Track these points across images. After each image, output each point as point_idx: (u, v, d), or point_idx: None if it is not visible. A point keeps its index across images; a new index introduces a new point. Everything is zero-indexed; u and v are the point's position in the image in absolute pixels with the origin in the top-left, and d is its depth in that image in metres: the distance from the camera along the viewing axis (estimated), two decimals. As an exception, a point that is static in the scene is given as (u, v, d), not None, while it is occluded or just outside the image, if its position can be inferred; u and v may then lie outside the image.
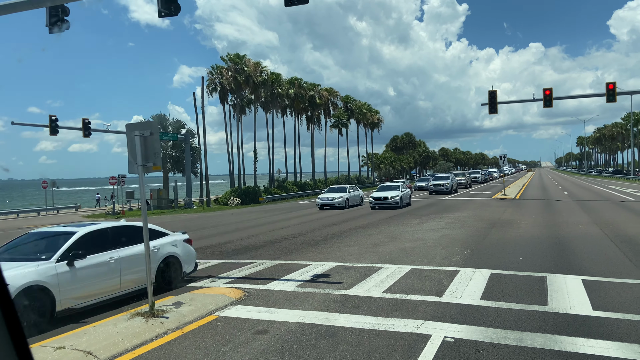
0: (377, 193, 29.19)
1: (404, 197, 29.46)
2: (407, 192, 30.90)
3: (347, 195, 31.21)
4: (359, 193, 33.43)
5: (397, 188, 29.86)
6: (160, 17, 12.09)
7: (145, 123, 7.50)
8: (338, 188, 32.85)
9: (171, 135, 39.73)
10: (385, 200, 28.19)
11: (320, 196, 31.81)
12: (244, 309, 7.99)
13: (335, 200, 30.31)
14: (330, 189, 33.47)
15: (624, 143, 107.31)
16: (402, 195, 28.78)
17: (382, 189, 30.25)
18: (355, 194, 32.57)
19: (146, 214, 7.69)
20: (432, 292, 8.62)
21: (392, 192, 28.79)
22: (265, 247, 15.21)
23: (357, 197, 32.73)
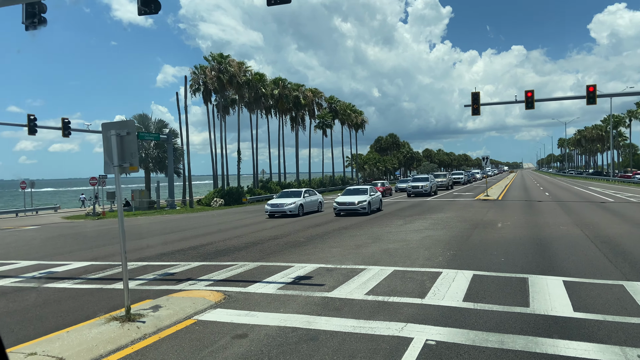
0: (343, 197, 26.46)
1: (373, 201, 26.83)
2: (376, 196, 27.98)
3: (302, 200, 27.49)
4: (317, 198, 29.77)
5: (365, 192, 27.07)
6: (140, 15, 11.87)
7: (122, 122, 7.31)
8: (292, 192, 29.10)
9: (153, 135, 39.23)
10: (351, 205, 25.33)
11: (270, 202, 27.90)
12: (223, 312, 7.83)
13: (287, 207, 26.41)
14: (283, 193, 29.72)
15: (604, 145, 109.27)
16: (370, 200, 26.11)
17: (348, 193, 27.39)
18: (311, 199, 28.87)
19: (122, 215, 7.48)
20: (415, 294, 8.57)
21: (360, 197, 26.05)
22: (248, 249, 15.03)
23: (315, 203, 29.10)
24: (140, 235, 20.90)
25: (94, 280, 11.29)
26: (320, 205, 29.64)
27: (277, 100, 54.38)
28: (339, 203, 25.60)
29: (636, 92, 47.11)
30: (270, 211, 26.92)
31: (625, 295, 8.10)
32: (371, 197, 26.51)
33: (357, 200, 25.52)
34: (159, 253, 15.06)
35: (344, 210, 25.51)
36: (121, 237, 7.32)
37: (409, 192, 41.85)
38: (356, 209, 25.16)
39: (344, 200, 25.82)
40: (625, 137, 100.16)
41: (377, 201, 27.83)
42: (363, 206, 25.35)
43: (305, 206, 27.73)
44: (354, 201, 25.42)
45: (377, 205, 27.59)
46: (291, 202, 26.69)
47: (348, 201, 25.53)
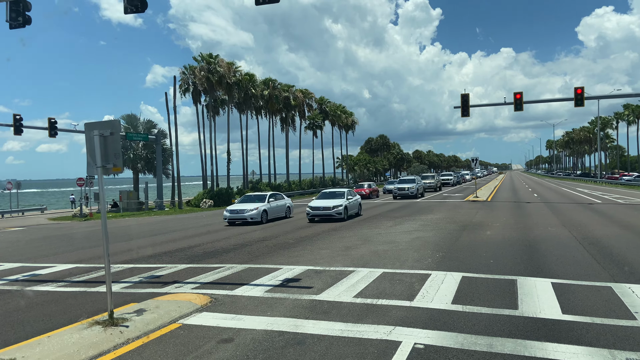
0: (317, 201, 24.12)
1: (351, 206, 24.51)
2: (354, 200, 25.48)
3: (265, 206, 24.34)
4: (285, 202, 26.86)
5: (341, 195, 24.73)
6: (127, 14, 11.71)
7: (106, 122, 7.15)
8: (255, 196, 25.79)
9: (142, 136, 38.86)
10: (326, 210, 23.07)
11: (230, 207, 24.79)
12: (209, 316, 7.70)
13: (248, 213, 23.35)
14: (246, 197, 26.29)
15: (592, 146, 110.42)
16: (347, 205, 23.70)
17: (323, 197, 25.05)
18: (278, 204, 25.90)
19: (105, 217, 7.33)
20: (403, 297, 8.50)
21: (335, 201, 23.71)
22: (236, 251, 14.89)
23: (281, 208, 26.14)
24: (128, 237, 20.65)
25: (78, 283, 11.09)
26: (288, 211, 26.81)
27: (267, 101, 54.18)
28: (312, 208, 23.46)
29: (623, 95, 47.68)
30: (229, 218, 23.78)
31: (613, 297, 8.09)
32: (348, 202, 24.24)
33: (333, 204, 23.25)
34: (146, 255, 14.86)
35: (318, 215, 23.34)
36: (104, 239, 7.17)
37: (395, 194, 40.90)
38: (331, 214, 22.97)
39: (318, 204, 23.59)
40: (613, 139, 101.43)
41: (356, 205, 25.69)
42: (339, 211, 23.06)
43: (270, 212, 24.77)
44: (329, 205, 23.20)
45: (355, 209, 25.50)
46: (253, 207, 23.63)
47: (322, 205, 23.33)
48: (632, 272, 10.03)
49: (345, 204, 23.57)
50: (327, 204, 23.43)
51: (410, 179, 43.63)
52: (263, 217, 23.86)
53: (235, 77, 46.20)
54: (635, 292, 8.38)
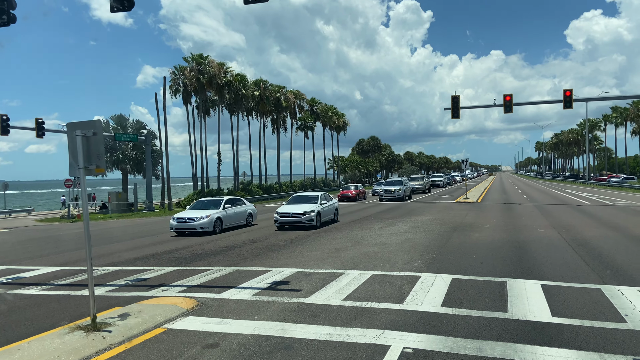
0: (287, 207, 21.58)
1: (325, 211, 22.17)
2: (329, 205, 22.99)
3: (220, 213, 20.97)
4: (245, 209, 23.27)
5: (314, 200, 22.09)
6: (113, 12, 11.53)
7: (88, 122, 6.98)
8: (210, 202, 22.26)
9: (131, 136, 38.48)
10: (296, 217, 20.49)
11: (177, 215, 21.34)
12: (195, 320, 7.55)
13: (198, 222, 20.05)
14: (198, 203, 22.72)
15: (580, 148, 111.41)
16: (320, 210, 21.33)
17: (295, 201, 22.42)
18: (236, 210, 22.35)
19: (88, 219, 7.16)
20: (393, 299, 8.41)
21: (307, 206, 21.19)
22: (225, 253, 14.72)
23: (240, 216, 22.67)
24: (115, 239, 20.38)
25: (63, 286, 10.88)
26: (250, 218, 23.46)
27: (258, 102, 53.99)
28: (280, 214, 20.84)
29: (611, 97, 48.11)
30: (176, 227, 20.51)
31: (602, 300, 8.06)
32: (322, 207, 21.78)
33: (304, 210, 20.69)
34: (133, 257, 14.65)
35: (287, 222, 20.73)
36: (86, 242, 7.00)
37: (381, 196, 39.78)
38: (301, 221, 20.38)
39: (287, 210, 21.01)
40: (601, 141, 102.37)
41: (331, 211, 23.17)
42: (310, 218, 20.46)
43: (227, 220, 21.41)
44: (299, 211, 20.58)
45: (330, 215, 23.03)
46: (204, 215, 20.32)
47: (292, 211, 20.69)
48: (620, 274, 10.02)
49: (317, 209, 21.16)
50: (297, 209, 20.86)
51: (396, 181, 42.15)
52: (217, 226, 20.54)
53: (226, 78, 45.98)
54: (624, 294, 8.36)
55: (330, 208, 23.12)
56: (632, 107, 69.67)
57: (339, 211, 24.79)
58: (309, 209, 20.89)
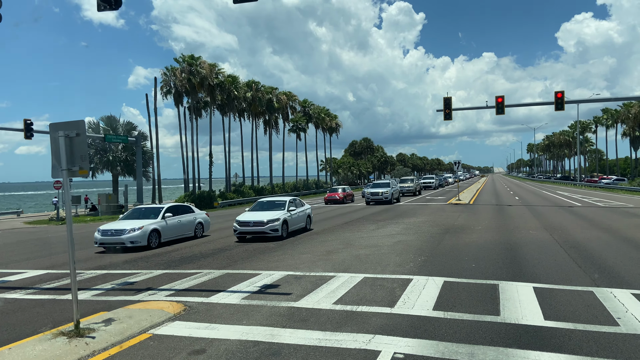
0: (248, 214, 18.61)
1: (294, 219, 19.31)
2: (300, 212, 20.13)
3: (157, 224, 17.25)
4: (194, 218, 19.69)
5: (281, 205, 19.22)
6: (100, 11, 11.32)
7: (71, 123, 6.80)
8: (147, 210, 18.54)
9: (121, 138, 38.12)
10: (258, 226, 17.65)
11: (104, 226, 17.36)
12: (182, 325, 7.38)
13: (127, 236, 16.23)
14: (134, 212, 18.82)
15: (571, 150, 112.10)
16: (287, 218, 18.49)
17: (260, 208, 19.58)
18: (181, 220, 18.71)
19: (71, 222, 6.97)
20: (384, 303, 8.29)
21: (272, 213, 18.29)
22: (215, 255, 14.54)
23: (186, 226, 19.04)
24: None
25: (48, 290, 10.65)
26: (200, 228, 19.95)
27: (250, 103, 53.76)
28: (240, 222, 17.96)
29: (602, 99, 48.41)
30: (100, 241, 16.66)
31: (595, 303, 7.99)
32: (289, 214, 18.92)
33: (267, 218, 17.88)
34: (121, 260, 14.42)
35: (248, 232, 17.93)
36: (69, 245, 6.82)
37: (368, 199, 37.52)
38: (264, 231, 17.63)
39: (247, 218, 18.08)
40: (592, 142, 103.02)
41: (301, 218, 20.33)
42: (274, 227, 17.68)
43: (166, 231, 17.68)
44: (262, 219, 17.76)
45: (301, 223, 20.25)
46: (136, 226, 16.54)
47: (254, 220, 17.84)
48: (613, 276, 9.98)
49: (283, 217, 18.29)
50: (260, 217, 17.99)
51: (384, 183, 40.00)
52: (152, 240, 16.83)
53: (217, 79, 45.74)
54: (617, 296, 8.30)
55: (300, 215, 20.18)
56: (623, 109, 70.14)
57: (312, 218, 22.02)
58: (273, 216, 18.06)
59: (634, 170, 75.51)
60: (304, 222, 20.77)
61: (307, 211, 21.17)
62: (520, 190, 59.79)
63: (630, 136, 71.97)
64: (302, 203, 21.17)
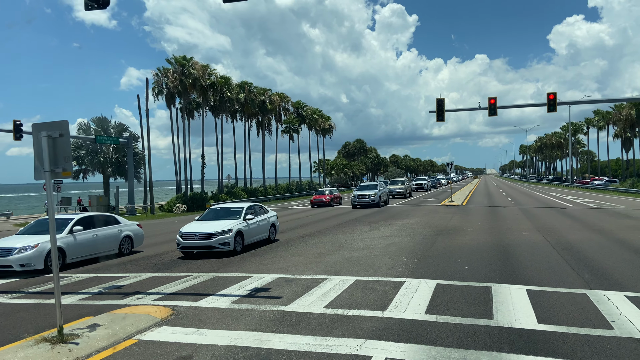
0: (195, 225, 15.49)
1: (251, 231, 16.02)
2: (261, 220, 17.02)
3: (64, 240, 13.45)
4: (119, 230, 15.78)
5: (236, 214, 16.07)
6: (87, 10, 11.13)
7: (54, 123, 6.62)
8: (60, 221, 14.02)
9: (112, 139, 37.78)
10: (205, 239, 14.47)
11: None
12: (169, 330, 7.21)
13: (17, 257, 12.47)
14: (36, 224, 14.67)
15: (563, 151, 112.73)
16: (241, 230, 15.25)
17: (211, 216, 16.39)
18: (97, 234, 14.82)
19: (54, 225, 6.78)
20: (376, 306, 8.16)
21: (224, 224, 15.06)
22: (205, 258, 14.32)
23: (106, 241, 15.17)
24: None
25: (34, 294, 10.43)
26: (126, 244, 15.98)
27: (243, 105, 53.56)
28: (184, 235, 14.75)
29: (594, 101, 48.59)
30: None
31: (589, 305, 7.91)
32: (246, 224, 15.72)
33: (218, 229, 14.67)
34: (110, 263, 14.19)
35: (193, 247, 14.80)
36: (52, 248, 6.63)
37: (354, 202, 35.43)
38: (212, 245, 14.47)
39: (194, 229, 14.92)
40: (584, 144, 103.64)
41: (263, 228, 17.11)
42: (224, 240, 14.52)
43: (74, 250, 13.83)
44: (210, 231, 14.57)
45: (262, 234, 17.06)
46: (30, 244, 12.70)
47: (200, 231, 14.66)
48: (606, 278, 9.92)
49: (238, 228, 15.13)
50: (208, 228, 14.86)
51: (371, 185, 38.19)
52: (36, 262, 12.65)
53: (210, 80, 45.51)
54: (610, 299, 8.23)
55: (261, 225, 16.97)
56: (614, 110, 70.63)
57: (277, 227, 18.67)
58: (225, 227, 14.81)
59: (625, 172, 76.03)
60: (267, 232, 17.45)
61: (270, 219, 17.94)
62: (512, 191, 59.97)
63: (621, 137, 72.46)
64: (264, 210, 18.12)
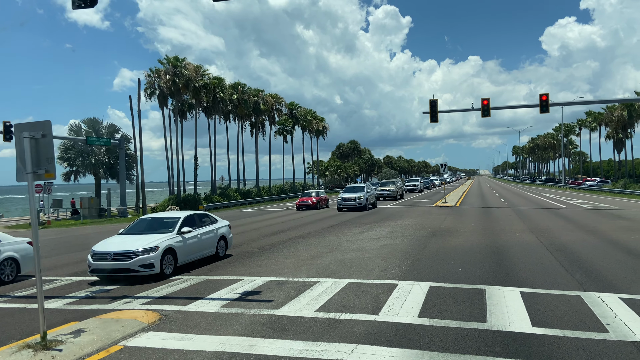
0: (113, 241, 12.22)
1: (192, 246, 12.80)
2: (208, 232, 13.72)
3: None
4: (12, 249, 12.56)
5: (170, 225, 12.78)
6: (75, 9, 10.95)
7: (37, 123, 6.44)
8: None
9: (104, 140, 37.47)
10: (122, 259, 11.21)
11: None
12: (156, 336, 7.03)
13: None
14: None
15: (556, 152, 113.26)
16: (172, 246, 11.95)
17: (140, 229, 12.92)
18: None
19: (37, 227, 6.60)
20: (368, 310, 8.03)
21: (151, 238, 11.82)
22: (195, 260, 14.12)
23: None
24: (83, 246, 19.54)
25: (20, 298, 10.22)
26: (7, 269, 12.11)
27: (236, 106, 53.34)
28: (96, 255, 11.49)
29: (586, 102, 48.85)
30: None
31: (583, 308, 7.82)
32: (182, 239, 12.41)
33: (142, 246, 11.38)
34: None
35: (106, 269, 11.37)
36: (35, 252, 6.44)
37: (339, 205, 33.38)
38: (129, 267, 11.14)
39: (109, 247, 11.65)
40: (576, 145, 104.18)
41: (207, 243, 13.64)
42: (146, 261, 11.19)
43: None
44: (130, 250, 11.30)
45: (205, 250, 13.58)
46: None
47: (116, 250, 11.41)
48: (600, 280, 9.84)
49: (168, 244, 11.81)
50: (128, 245, 11.54)
51: (358, 187, 35.72)
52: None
53: (202, 81, 45.28)
54: (604, 301, 8.14)
55: (205, 239, 13.47)
56: (606, 111, 70.99)
57: (229, 240, 14.97)
58: (149, 244, 11.41)
59: (617, 172, 76.46)
60: (213, 247, 13.96)
61: (219, 231, 14.38)
62: (505, 192, 60.11)
63: (613, 139, 72.82)
64: (211, 220, 14.52)
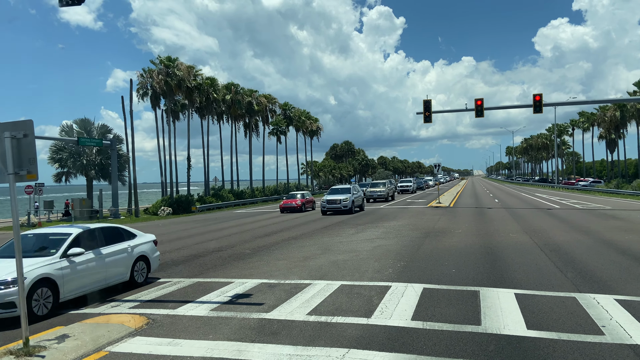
0: None
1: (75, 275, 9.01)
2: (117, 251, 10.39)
3: None
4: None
5: (56, 245, 9.18)
6: (62, 7, 10.73)
7: (19, 122, 6.25)
8: None
9: (95, 141, 37.08)
10: None
11: None
12: (142, 341, 6.85)
13: None
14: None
15: (549, 153, 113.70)
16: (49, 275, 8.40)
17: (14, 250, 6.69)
18: None
19: (18, 230, 6.40)
20: (361, 313, 7.88)
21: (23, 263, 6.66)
22: (187, 263, 13.95)
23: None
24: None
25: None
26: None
27: (229, 106, 53.06)
28: None
29: (579, 102, 49.04)
30: None
31: (578, 309, 7.71)
32: (66, 265, 8.90)
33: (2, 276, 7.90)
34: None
35: None
36: (17, 255, 6.24)
37: (323, 208, 31.65)
38: None
39: None
40: (569, 145, 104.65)
41: (116, 264, 10.28)
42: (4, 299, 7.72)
43: None
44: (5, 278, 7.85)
45: (112, 277, 10.15)
46: None
47: None
48: (595, 281, 9.75)
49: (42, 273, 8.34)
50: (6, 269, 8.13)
51: (344, 189, 33.81)
52: None
53: (195, 81, 44.97)
54: (600, 302, 8.04)
55: (110, 261, 10.11)
56: (599, 112, 71.32)
57: (151, 262, 11.61)
58: (11, 273, 7.82)
59: (610, 172, 76.85)
60: (127, 271, 10.61)
61: (136, 250, 11.02)
62: (499, 192, 60.21)
63: (606, 139, 73.17)
64: (126, 235, 11.17)
